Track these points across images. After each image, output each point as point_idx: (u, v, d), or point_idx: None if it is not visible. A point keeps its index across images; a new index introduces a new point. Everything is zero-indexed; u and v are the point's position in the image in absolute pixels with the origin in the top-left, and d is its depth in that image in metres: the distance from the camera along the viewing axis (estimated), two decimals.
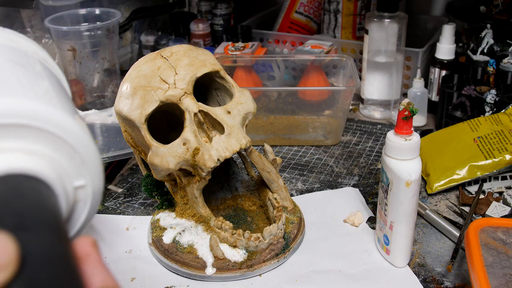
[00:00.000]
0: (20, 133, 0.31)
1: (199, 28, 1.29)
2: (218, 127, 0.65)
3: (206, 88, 0.73)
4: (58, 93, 0.36)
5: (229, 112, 0.66)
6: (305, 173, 0.90)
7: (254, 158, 0.70)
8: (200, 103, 0.65)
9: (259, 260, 0.66)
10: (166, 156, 0.64)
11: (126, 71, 0.69)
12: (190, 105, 0.64)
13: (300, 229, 0.72)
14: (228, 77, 0.70)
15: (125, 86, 0.66)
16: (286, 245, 0.69)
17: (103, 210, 0.80)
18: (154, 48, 1.30)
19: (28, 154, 0.31)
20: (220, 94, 0.73)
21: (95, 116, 1.01)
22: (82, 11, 1.13)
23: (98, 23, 1.09)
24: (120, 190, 0.64)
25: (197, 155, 0.64)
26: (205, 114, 0.65)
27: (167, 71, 0.65)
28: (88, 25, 1.10)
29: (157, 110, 0.65)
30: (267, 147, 0.74)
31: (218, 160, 0.63)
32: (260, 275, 0.66)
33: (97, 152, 0.34)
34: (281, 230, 0.67)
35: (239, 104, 0.68)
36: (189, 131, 0.64)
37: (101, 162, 0.35)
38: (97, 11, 1.14)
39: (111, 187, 0.63)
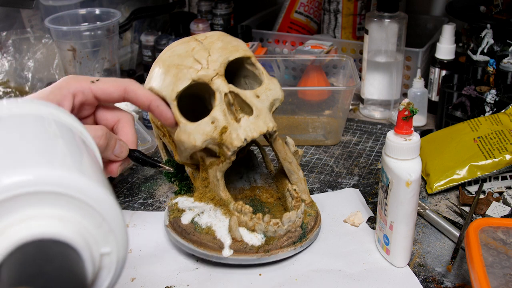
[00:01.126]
0: (54, 201, 0.33)
1: (199, 28, 1.29)
2: (247, 109, 0.67)
3: (235, 75, 0.75)
4: (92, 165, 0.39)
5: (258, 96, 0.68)
6: (305, 173, 0.90)
7: (278, 147, 0.71)
8: (230, 85, 0.67)
9: (276, 246, 0.66)
10: (193, 133, 0.65)
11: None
12: (221, 85, 0.66)
13: (317, 222, 0.73)
14: (258, 64, 0.72)
15: (158, 65, 0.68)
16: (303, 234, 0.69)
17: None
18: (154, 48, 1.30)
19: (59, 220, 0.33)
20: (248, 82, 0.74)
21: None
22: (82, 11, 1.13)
23: (98, 23, 1.09)
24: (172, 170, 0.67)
25: (224, 133, 0.65)
26: (235, 96, 0.67)
27: (201, 52, 0.67)
28: (88, 25, 1.10)
29: (188, 93, 0.66)
30: (289, 140, 0.76)
31: (245, 139, 0.65)
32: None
33: (124, 222, 0.36)
34: (300, 218, 0.67)
35: (268, 90, 0.70)
36: (219, 110, 0.66)
37: (127, 232, 0.37)
38: (97, 11, 1.14)
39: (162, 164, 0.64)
